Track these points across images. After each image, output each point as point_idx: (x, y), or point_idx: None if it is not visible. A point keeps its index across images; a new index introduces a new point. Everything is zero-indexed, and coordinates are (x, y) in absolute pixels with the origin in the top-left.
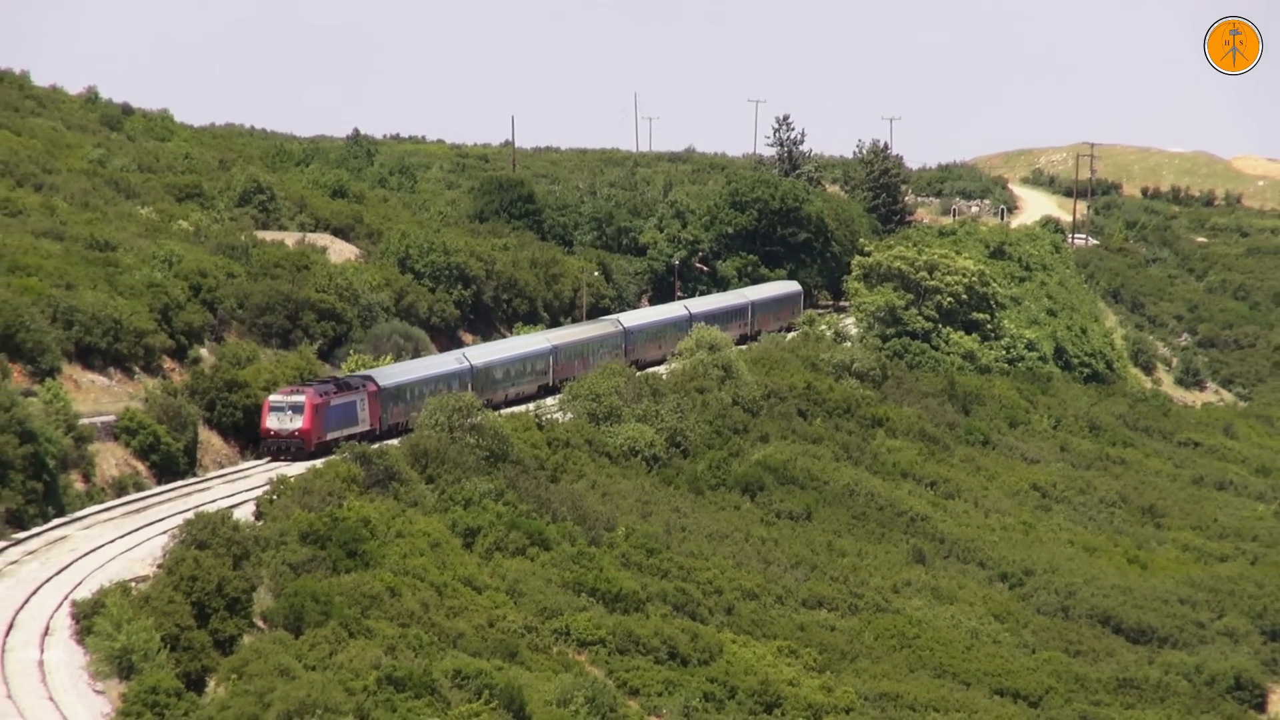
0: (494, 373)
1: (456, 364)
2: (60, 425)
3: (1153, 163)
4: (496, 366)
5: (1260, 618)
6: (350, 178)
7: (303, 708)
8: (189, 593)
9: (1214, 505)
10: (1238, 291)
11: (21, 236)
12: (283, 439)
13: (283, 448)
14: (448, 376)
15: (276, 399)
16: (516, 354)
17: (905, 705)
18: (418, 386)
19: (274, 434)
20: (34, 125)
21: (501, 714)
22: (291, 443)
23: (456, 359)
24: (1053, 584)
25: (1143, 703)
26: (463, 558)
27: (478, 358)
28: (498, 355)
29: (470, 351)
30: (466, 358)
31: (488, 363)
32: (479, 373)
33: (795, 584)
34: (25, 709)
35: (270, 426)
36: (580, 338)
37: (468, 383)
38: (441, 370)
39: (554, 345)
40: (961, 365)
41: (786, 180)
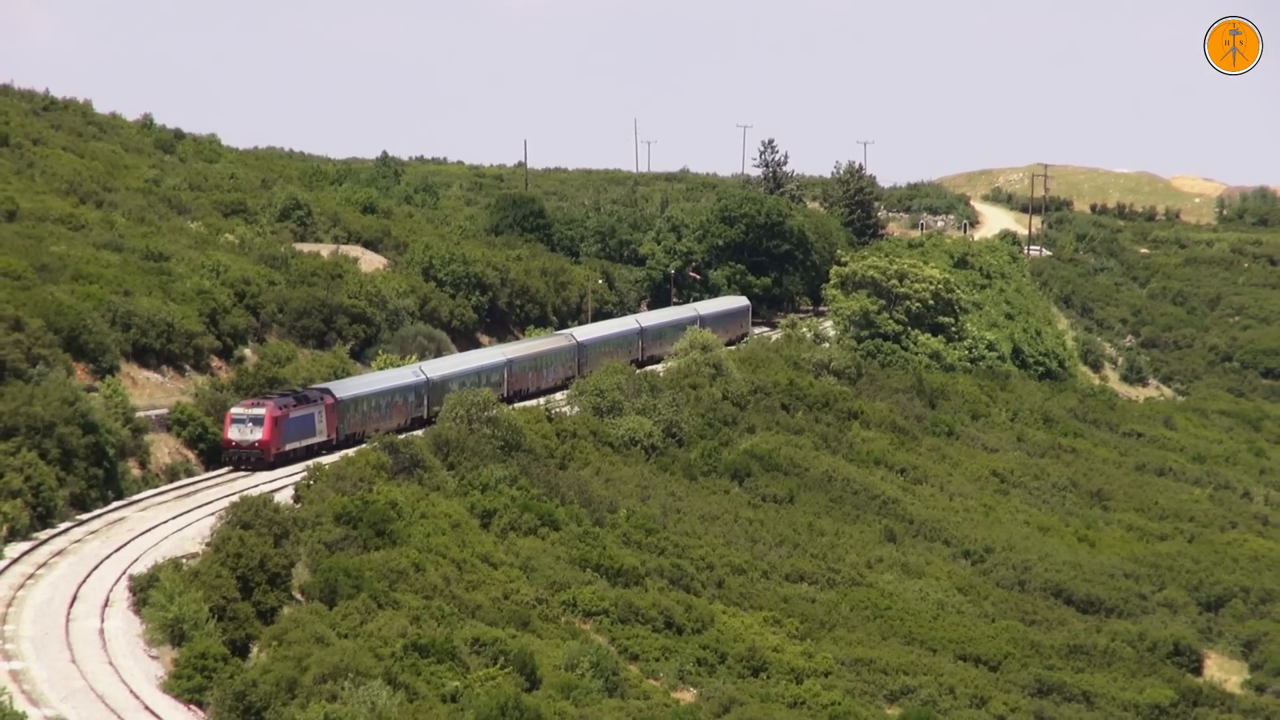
0: (449, 385)
1: (412, 377)
2: (119, 418)
3: (1100, 182)
4: (452, 379)
5: (1197, 590)
6: (379, 195)
7: (336, 671)
8: (234, 568)
9: (1155, 490)
10: (1176, 298)
11: (84, 248)
12: (243, 449)
13: (243, 458)
14: (403, 389)
15: (238, 411)
16: (471, 367)
17: (878, 670)
18: (374, 399)
19: (235, 444)
20: (95, 149)
21: (515, 677)
22: (251, 453)
23: (413, 372)
24: (1010, 560)
25: (1091, 667)
26: (480, 537)
27: (433, 371)
28: (453, 368)
29: (426, 365)
30: (422, 371)
31: (443, 375)
32: (434, 385)
33: (779, 560)
34: (87, 672)
35: (232, 437)
36: (534, 351)
37: (423, 394)
38: (397, 383)
39: (509, 359)
40: (928, 364)
41: (771, 198)
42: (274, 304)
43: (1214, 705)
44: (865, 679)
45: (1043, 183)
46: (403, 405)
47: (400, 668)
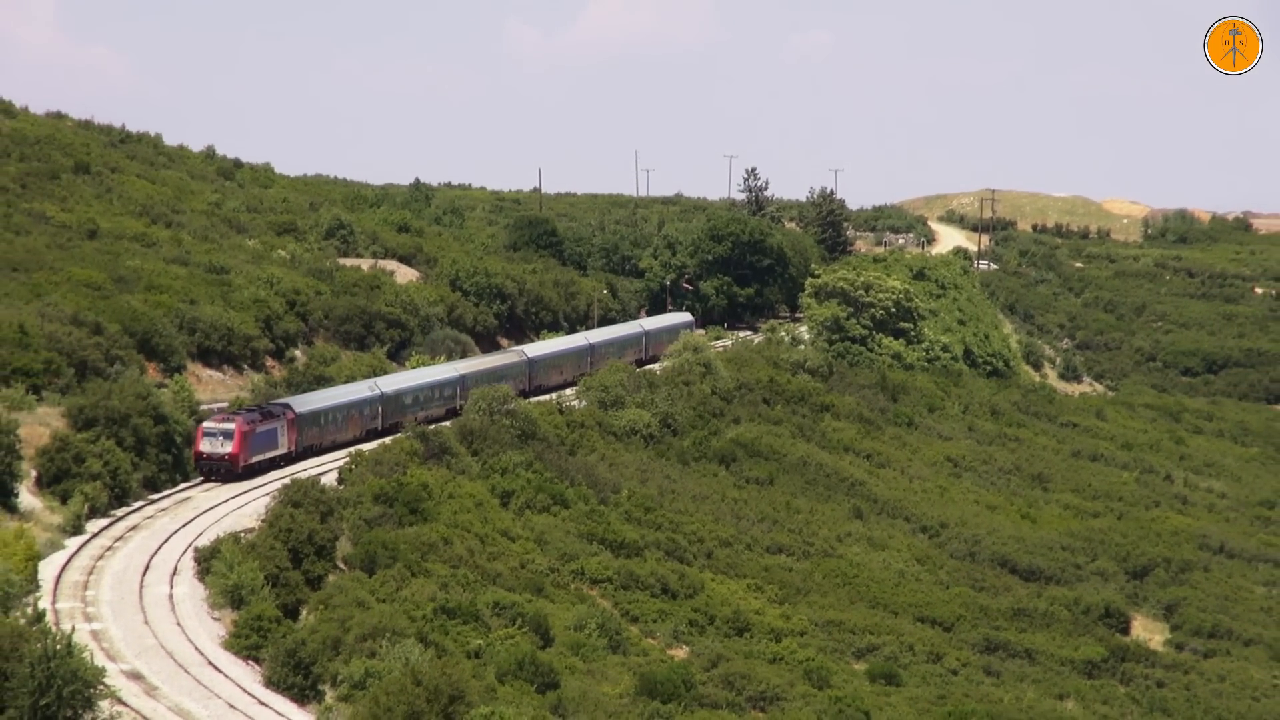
0: (403, 399)
1: (368, 391)
2: (185, 410)
3: (1040, 205)
4: (406, 393)
5: (1124, 561)
6: (412, 217)
7: (375, 631)
8: (286, 541)
9: (1088, 473)
10: (1107, 306)
11: (156, 263)
12: (214, 461)
13: (214, 469)
14: (359, 403)
15: (210, 425)
16: (425, 382)
17: (847, 630)
18: (331, 413)
19: (206, 456)
20: (165, 176)
21: (531, 636)
22: (222, 464)
23: (369, 387)
24: (962, 534)
25: (1033, 627)
26: (500, 514)
27: (388, 386)
28: (407, 384)
29: (381, 380)
30: (377, 386)
31: (397, 390)
32: (389, 399)
33: (760, 535)
34: (158, 631)
35: (203, 450)
36: (486, 367)
37: (378, 408)
38: (353, 398)
39: (461, 374)
40: (891, 363)
41: (754, 219)
42: (320, 311)
43: (1139, 661)
44: (836, 638)
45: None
46: (358, 418)
47: (430, 628)
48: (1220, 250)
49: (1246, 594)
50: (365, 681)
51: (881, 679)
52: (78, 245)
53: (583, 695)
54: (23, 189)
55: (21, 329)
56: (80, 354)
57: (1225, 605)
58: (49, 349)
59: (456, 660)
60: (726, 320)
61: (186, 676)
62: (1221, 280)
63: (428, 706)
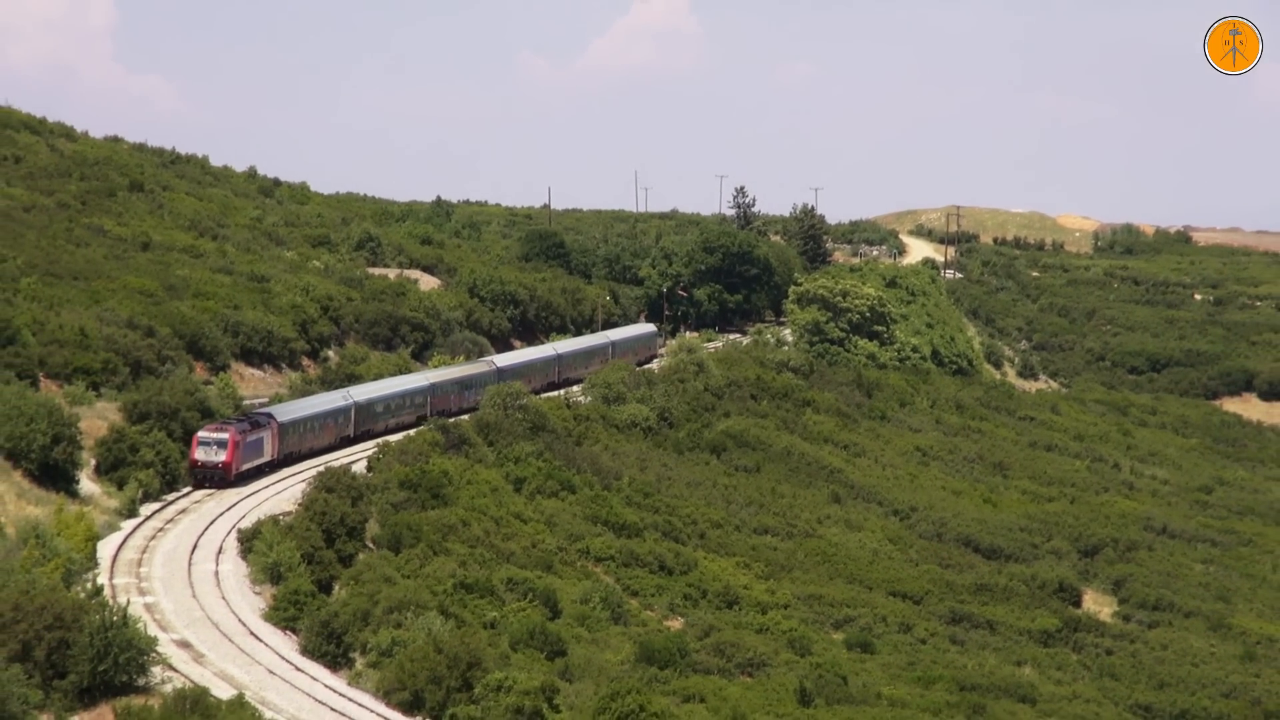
0: (375, 408)
1: (341, 401)
2: (229, 405)
3: (1001, 219)
4: (377, 402)
5: (1077, 540)
6: (434, 230)
7: (400, 604)
8: (320, 523)
9: (1044, 462)
10: (1061, 311)
11: (203, 272)
12: (209, 469)
13: (208, 476)
14: (334, 412)
15: (204, 435)
16: (396, 391)
17: (826, 603)
18: (309, 421)
19: (201, 464)
20: (211, 194)
21: (541, 609)
22: (216, 472)
23: (342, 396)
24: (930, 517)
25: (994, 601)
26: (514, 499)
27: (360, 395)
28: (378, 393)
29: (354, 390)
30: (350, 395)
31: (369, 399)
32: (361, 408)
33: (748, 517)
34: (205, 604)
35: (198, 458)
36: (455, 376)
37: (350, 416)
38: (328, 407)
39: (431, 383)
40: (866, 363)
41: (742, 232)
42: (351, 315)
43: (1090, 631)
44: (816, 610)
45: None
46: (333, 426)
47: (451, 601)
48: (1163, 261)
49: (1186, 571)
50: (392, 649)
51: (857, 647)
52: (132, 256)
53: (588, 662)
54: (83, 205)
55: (82, 332)
56: (135, 354)
57: (1167, 581)
58: (107, 350)
59: (474, 630)
60: (717, 324)
61: (230, 645)
62: (1164, 288)
63: (448, 672)
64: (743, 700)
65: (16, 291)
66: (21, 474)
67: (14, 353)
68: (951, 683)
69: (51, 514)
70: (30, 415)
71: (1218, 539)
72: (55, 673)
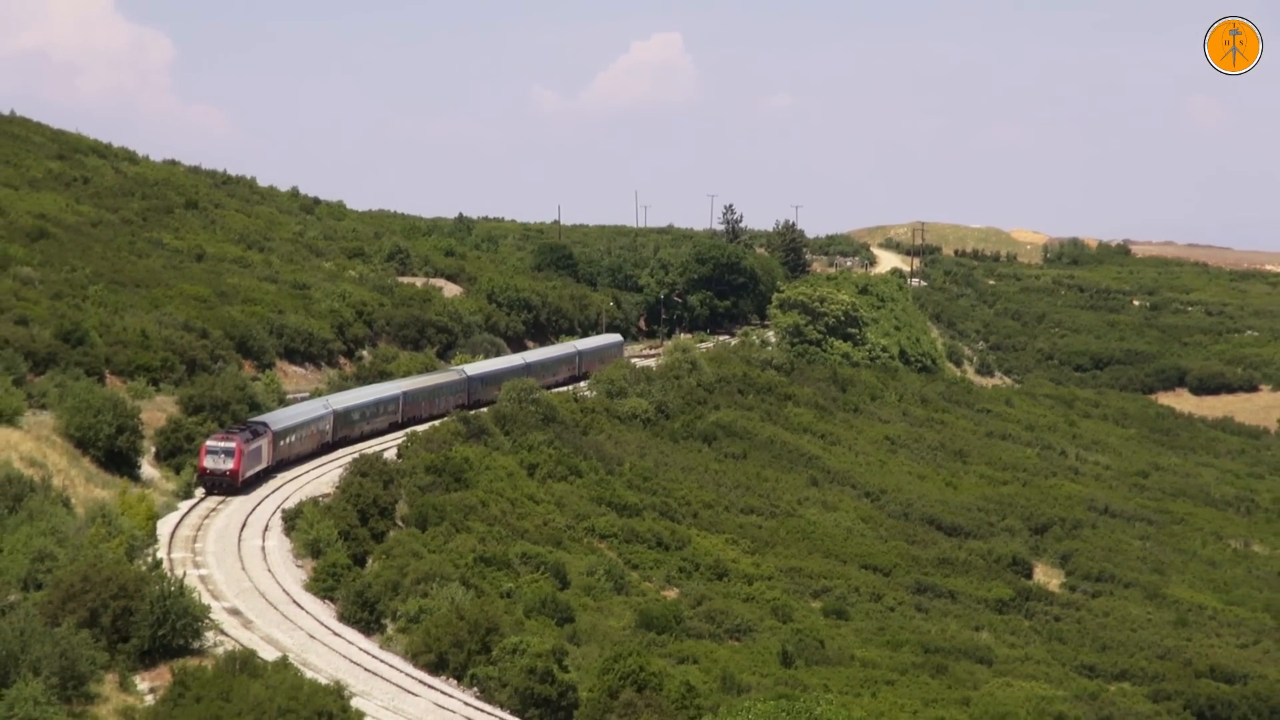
0: (352, 415)
1: (322, 409)
2: (274, 398)
3: (961, 234)
4: (354, 410)
5: (1028, 519)
6: (456, 243)
7: (426, 576)
8: (355, 504)
9: (999, 449)
10: (1014, 315)
11: (251, 280)
12: (217, 476)
13: (216, 483)
14: (317, 419)
15: (212, 444)
16: (371, 399)
17: (805, 575)
18: (297, 429)
19: (210, 472)
20: (258, 210)
21: (551, 580)
22: (224, 480)
23: (322, 405)
24: (898, 498)
25: (954, 573)
26: (527, 482)
27: (338, 403)
28: (355, 401)
29: (333, 398)
30: (329, 404)
31: (346, 407)
32: (339, 415)
33: (736, 499)
34: (253, 576)
35: (207, 466)
36: (428, 384)
37: (330, 423)
38: (312, 415)
39: (403, 391)
40: (840, 361)
41: (731, 245)
42: (383, 319)
43: (1040, 600)
44: (796, 582)
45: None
46: (316, 433)
47: (471, 573)
48: (1105, 270)
49: (1126, 546)
50: (419, 616)
51: (833, 614)
52: (188, 266)
53: (593, 627)
54: (144, 221)
55: (143, 334)
56: (190, 353)
57: (1109, 555)
58: (165, 350)
59: (492, 600)
60: (709, 326)
61: (275, 612)
62: (1106, 295)
63: (469, 636)
64: (731, 662)
65: (85, 298)
66: (90, 460)
67: (83, 352)
68: (917, 646)
69: (116, 496)
70: (97, 408)
71: (1153, 518)
72: (119, 637)
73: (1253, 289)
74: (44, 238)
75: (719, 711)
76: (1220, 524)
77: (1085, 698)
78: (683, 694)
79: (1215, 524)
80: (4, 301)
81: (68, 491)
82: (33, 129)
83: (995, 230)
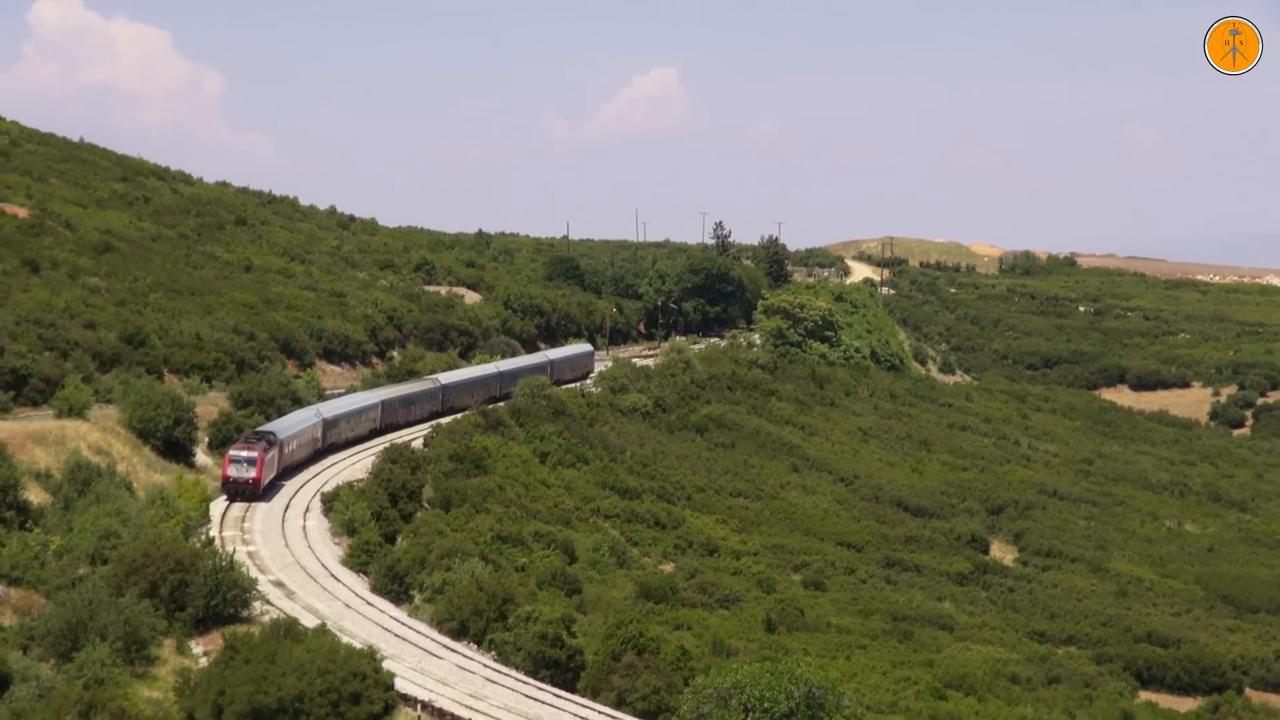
0: (339, 423)
1: (315, 418)
2: (314, 394)
3: (925, 247)
4: (341, 418)
5: (985, 501)
6: (476, 256)
7: (450, 552)
8: (386, 487)
9: (959, 439)
10: (973, 319)
11: (293, 289)
12: (240, 484)
13: (239, 490)
14: (310, 427)
15: (235, 454)
16: (353, 409)
17: (787, 551)
18: (296, 437)
19: (233, 480)
20: (300, 227)
21: (561, 555)
22: (246, 487)
23: (314, 413)
24: (870, 483)
25: (920, 549)
26: (539, 468)
27: (327, 412)
28: (341, 410)
29: (322, 407)
30: (320, 413)
31: (335, 416)
32: (329, 423)
33: (725, 483)
34: (295, 552)
35: (230, 474)
36: (403, 393)
37: (320, 430)
38: (307, 424)
39: (381, 400)
40: (818, 361)
41: (720, 257)
42: (411, 323)
43: (996, 573)
44: (779, 557)
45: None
46: (311, 440)
47: (489, 550)
48: (1054, 280)
49: (1072, 525)
50: (443, 588)
51: (812, 586)
52: (237, 276)
53: (598, 597)
54: (198, 236)
55: (197, 336)
56: (239, 354)
57: (1057, 533)
58: (217, 350)
59: (508, 573)
60: (701, 330)
61: (315, 584)
62: (1055, 301)
63: (487, 605)
64: (721, 628)
65: (146, 305)
66: (150, 449)
67: (144, 353)
68: (886, 614)
69: (173, 481)
70: (157, 402)
71: (1097, 500)
72: (177, 606)
73: (1185, 296)
74: (110, 251)
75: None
76: (1156, 506)
77: (1036, 660)
78: (678, 657)
79: (1152, 506)
80: (74, 308)
81: (130, 477)
82: (100, 154)
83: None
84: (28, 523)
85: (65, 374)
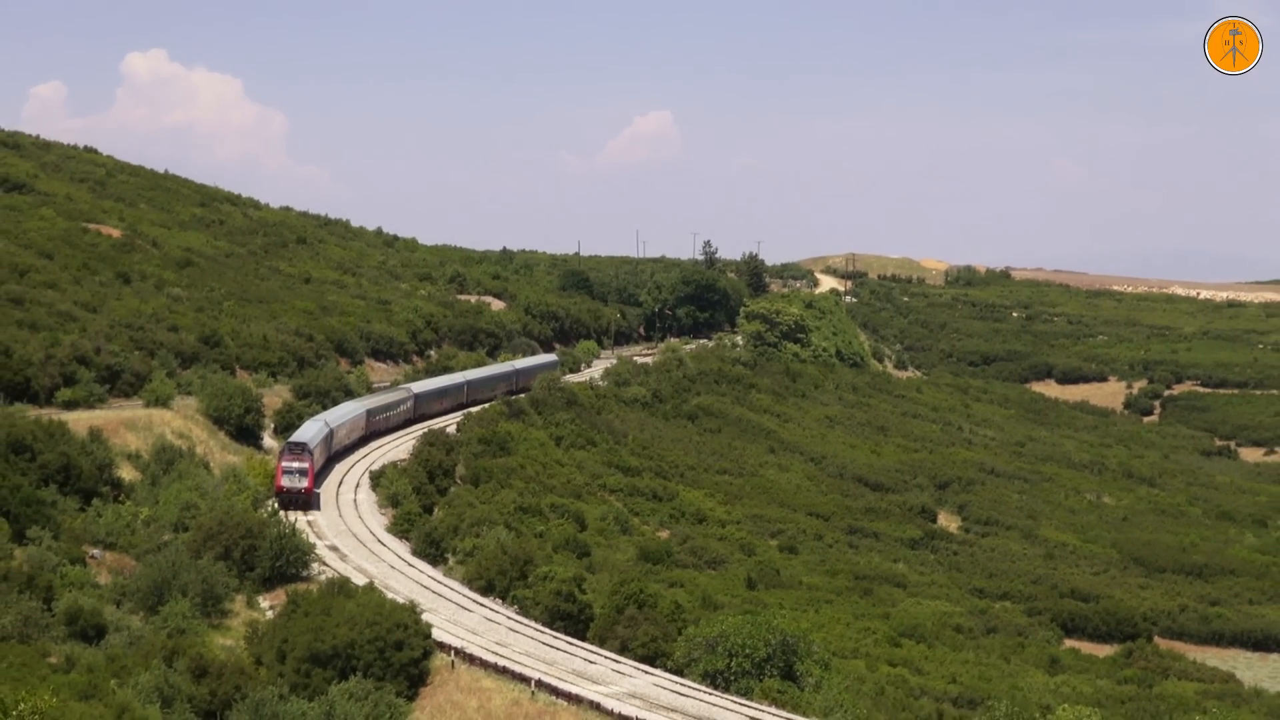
0: (339, 431)
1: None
2: (364, 387)
3: (883, 262)
4: (340, 426)
5: (934, 478)
6: (501, 269)
7: (479, 521)
8: (425, 466)
9: (912, 425)
10: (923, 324)
11: (346, 297)
12: (292, 494)
13: (291, 500)
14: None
15: (287, 464)
16: (348, 417)
17: (765, 521)
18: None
19: (286, 490)
20: (351, 245)
21: (573, 524)
22: (299, 497)
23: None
24: (835, 462)
25: (878, 519)
26: (555, 450)
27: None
28: (340, 419)
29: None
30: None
31: (337, 424)
32: (331, 432)
33: (713, 463)
34: (347, 521)
35: (284, 485)
36: (383, 402)
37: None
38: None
39: (366, 409)
40: (792, 359)
41: (709, 271)
42: (446, 327)
43: (943, 539)
44: (759, 525)
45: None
46: (324, 447)
47: (512, 519)
48: (992, 290)
49: (1007, 498)
50: (473, 551)
51: (786, 550)
52: (298, 287)
53: (605, 560)
54: (265, 253)
55: (264, 338)
56: (300, 353)
57: (995, 505)
58: (281, 350)
59: (528, 539)
60: (692, 332)
61: (364, 549)
62: (992, 308)
63: (511, 566)
64: (709, 585)
65: (221, 311)
66: (224, 433)
67: (219, 352)
68: (849, 574)
69: (244, 461)
70: (230, 394)
71: (1028, 477)
72: (246, 567)
73: (1103, 304)
74: (189, 265)
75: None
76: (1078, 482)
77: (977, 613)
78: (672, 610)
79: (1075, 482)
80: (160, 314)
81: (208, 457)
82: (181, 184)
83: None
84: (120, 496)
85: (152, 370)
